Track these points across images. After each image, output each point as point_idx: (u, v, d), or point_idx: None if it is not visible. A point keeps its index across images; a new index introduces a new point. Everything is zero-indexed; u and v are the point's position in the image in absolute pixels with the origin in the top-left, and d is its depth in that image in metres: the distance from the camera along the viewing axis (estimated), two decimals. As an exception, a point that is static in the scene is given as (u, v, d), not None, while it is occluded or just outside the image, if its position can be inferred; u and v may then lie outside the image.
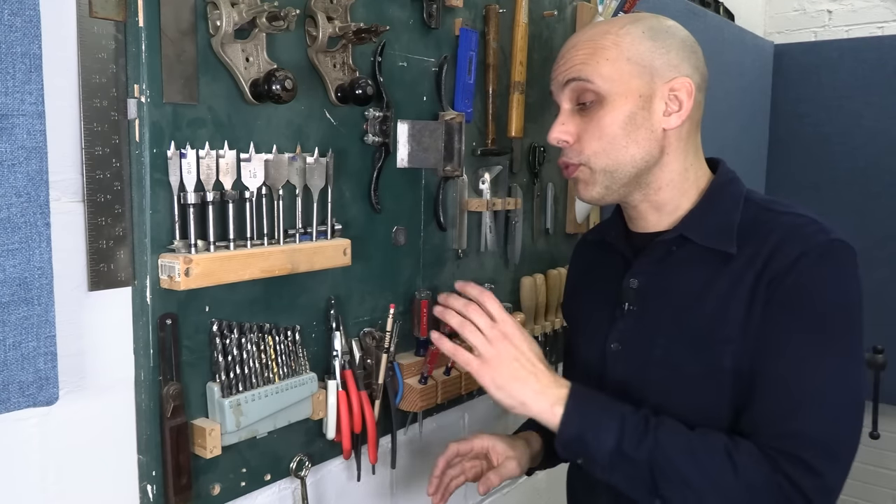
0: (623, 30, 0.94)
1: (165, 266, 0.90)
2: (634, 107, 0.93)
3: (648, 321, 0.98)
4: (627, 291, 1.00)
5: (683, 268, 0.96)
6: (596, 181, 0.96)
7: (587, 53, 0.94)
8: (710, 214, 0.96)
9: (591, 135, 0.94)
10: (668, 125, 0.94)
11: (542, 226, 1.59)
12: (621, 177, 0.95)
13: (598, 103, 0.94)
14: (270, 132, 1.01)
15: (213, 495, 0.99)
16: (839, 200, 2.54)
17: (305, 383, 1.07)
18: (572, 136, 0.96)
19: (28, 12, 0.74)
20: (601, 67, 0.93)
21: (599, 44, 0.94)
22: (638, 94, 0.93)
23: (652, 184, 0.97)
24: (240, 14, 0.91)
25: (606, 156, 0.94)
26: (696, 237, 0.95)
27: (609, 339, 1.01)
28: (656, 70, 0.93)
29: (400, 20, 1.19)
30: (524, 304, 1.52)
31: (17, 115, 0.74)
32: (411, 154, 1.22)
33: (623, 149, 0.93)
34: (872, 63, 2.50)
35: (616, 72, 0.93)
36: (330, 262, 1.07)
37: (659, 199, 0.98)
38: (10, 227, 0.75)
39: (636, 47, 0.93)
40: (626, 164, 0.94)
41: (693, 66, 0.95)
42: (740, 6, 2.67)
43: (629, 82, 0.93)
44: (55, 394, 0.80)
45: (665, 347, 0.95)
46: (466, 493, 1.52)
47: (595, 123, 0.94)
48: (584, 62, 0.94)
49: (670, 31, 0.95)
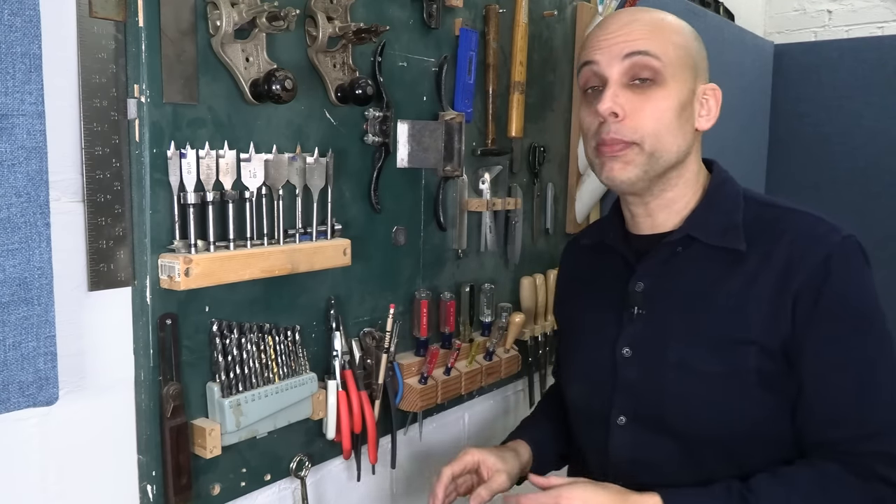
0: (677, 22, 0.94)
1: (165, 266, 0.89)
2: (686, 98, 0.93)
3: (659, 324, 0.96)
4: (634, 295, 0.99)
5: (691, 268, 0.96)
6: (639, 163, 0.93)
7: (651, 30, 0.92)
8: (714, 213, 0.96)
9: (648, 114, 0.91)
10: (700, 126, 0.95)
11: (542, 226, 1.59)
12: (662, 164, 0.93)
13: (656, 83, 0.91)
14: (270, 132, 1.01)
15: (213, 495, 0.99)
16: (839, 200, 2.53)
17: (305, 383, 1.07)
18: (623, 110, 0.92)
19: (28, 12, 0.74)
20: (668, 48, 0.91)
21: (663, 25, 0.93)
22: (688, 87, 0.93)
23: (672, 178, 0.96)
24: (240, 14, 0.91)
25: (659, 139, 0.92)
26: (702, 236, 0.95)
27: (619, 344, 0.99)
28: (698, 71, 0.94)
29: (400, 20, 1.19)
30: (524, 305, 1.52)
31: (17, 115, 0.74)
32: (411, 154, 1.22)
33: (673, 137, 0.92)
34: (872, 63, 2.50)
35: (678, 57, 0.92)
36: (330, 262, 1.07)
37: (674, 196, 0.97)
38: (10, 227, 0.75)
39: (691, 43, 0.94)
40: (671, 153, 0.93)
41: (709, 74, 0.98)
42: (740, 6, 2.67)
43: (685, 72, 0.93)
44: (55, 394, 0.80)
45: (680, 350, 0.94)
46: (466, 493, 1.52)
47: (653, 104, 0.91)
48: (649, 38, 0.91)
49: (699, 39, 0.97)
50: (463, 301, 1.38)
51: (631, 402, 0.98)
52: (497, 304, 1.44)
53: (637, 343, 0.98)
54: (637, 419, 0.97)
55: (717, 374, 0.91)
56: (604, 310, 1.03)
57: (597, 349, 1.03)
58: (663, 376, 0.95)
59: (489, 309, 1.42)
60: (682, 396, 0.93)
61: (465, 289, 1.38)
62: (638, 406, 0.97)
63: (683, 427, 0.93)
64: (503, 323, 1.43)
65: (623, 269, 1.02)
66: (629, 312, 0.99)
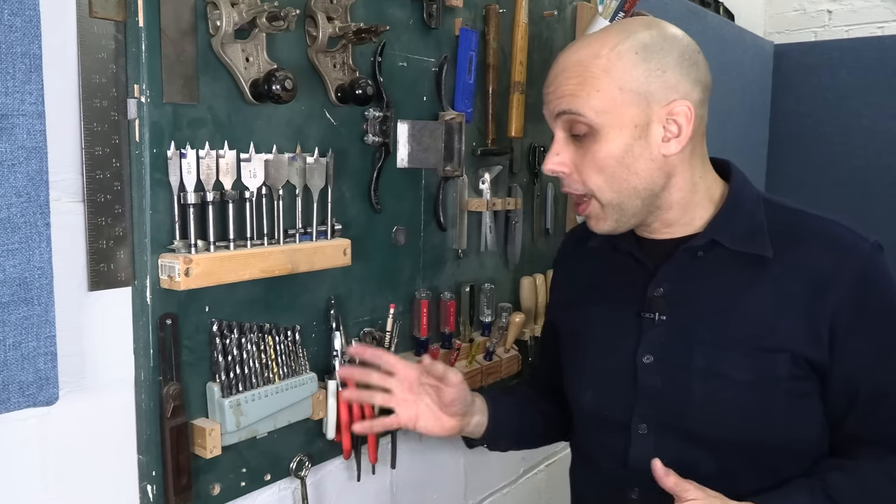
0: (614, 52, 0.88)
1: (165, 266, 0.90)
2: (630, 138, 0.89)
3: (682, 330, 0.94)
4: (654, 300, 0.96)
5: (714, 273, 0.94)
6: (607, 216, 0.94)
7: (576, 83, 0.89)
8: (737, 218, 0.94)
9: (589, 168, 0.91)
10: (667, 151, 0.90)
11: (542, 226, 1.59)
12: (630, 208, 0.93)
13: (592, 136, 0.90)
14: (270, 132, 1.01)
15: (213, 495, 0.99)
16: (839, 200, 2.54)
17: (305, 383, 1.07)
18: (568, 167, 0.93)
19: (28, 12, 0.74)
20: (591, 99, 0.88)
21: (589, 71, 0.89)
22: (633, 124, 0.88)
23: (662, 206, 0.94)
24: (240, 14, 0.91)
25: (610, 189, 0.91)
26: (727, 242, 0.93)
27: (639, 351, 0.96)
28: (652, 95, 0.88)
29: (400, 20, 1.19)
30: (524, 305, 1.52)
31: (17, 115, 0.74)
32: (411, 154, 1.22)
33: (624, 181, 0.90)
34: (872, 63, 2.50)
35: (608, 103, 0.88)
36: (330, 262, 1.07)
37: (670, 218, 0.96)
38: (10, 227, 0.75)
39: (628, 73, 0.88)
40: (631, 196, 0.91)
41: (693, 80, 0.90)
42: (740, 6, 2.67)
43: (623, 113, 0.88)
44: (55, 394, 0.80)
45: (708, 357, 0.92)
46: (466, 493, 1.52)
47: (591, 157, 0.90)
48: (573, 93, 0.89)
49: (667, 46, 0.89)
50: (463, 301, 1.38)
51: (653, 410, 0.95)
52: (497, 304, 1.44)
53: (659, 350, 0.95)
54: (660, 427, 0.95)
55: (746, 381, 0.90)
56: (619, 315, 1.00)
57: (613, 356, 1.00)
58: (689, 383, 0.93)
59: (489, 309, 1.42)
60: (710, 403, 0.91)
61: (465, 289, 1.38)
62: (661, 414, 0.95)
63: (710, 434, 0.92)
64: (503, 323, 1.43)
65: (639, 273, 0.99)
66: (649, 318, 0.97)
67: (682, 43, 0.91)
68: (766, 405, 0.90)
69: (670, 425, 0.95)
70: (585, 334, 1.06)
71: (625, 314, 0.99)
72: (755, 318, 0.90)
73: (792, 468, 0.92)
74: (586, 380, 1.05)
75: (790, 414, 0.91)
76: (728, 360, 0.91)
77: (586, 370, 1.05)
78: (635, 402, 0.96)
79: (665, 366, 0.95)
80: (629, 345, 0.98)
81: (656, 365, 0.95)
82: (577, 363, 1.07)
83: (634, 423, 0.97)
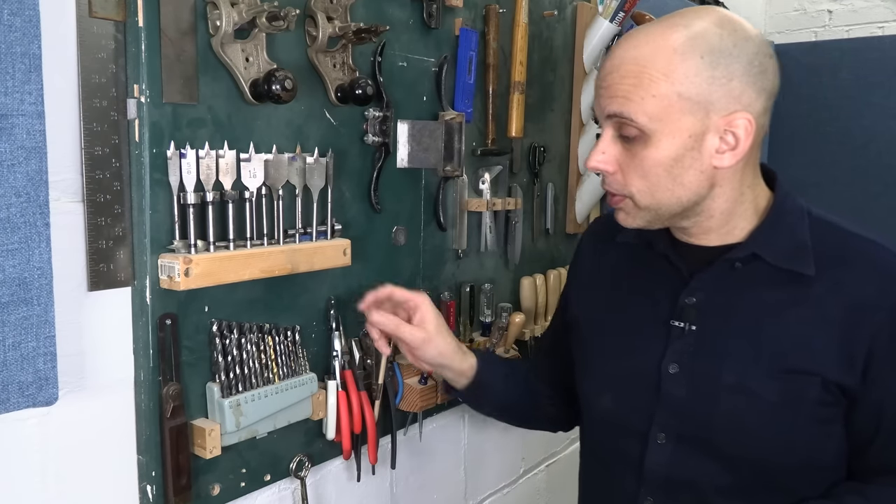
0: (677, 53, 0.81)
1: (165, 266, 0.89)
2: (682, 148, 0.83)
3: (712, 343, 0.91)
4: (686, 308, 0.93)
5: (751, 287, 0.90)
6: (639, 216, 0.90)
7: (632, 84, 0.83)
8: (780, 232, 0.90)
9: (634, 171, 0.87)
10: (720, 164, 0.85)
11: (542, 226, 1.59)
12: (666, 213, 0.89)
13: (642, 140, 0.84)
14: (270, 132, 1.01)
15: (212, 496, 0.99)
16: (839, 200, 2.53)
17: (305, 383, 1.07)
18: (613, 166, 0.88)
19: (28, 12, 0.74)
20: (646, 104, 0.82)
21: (647, 72, 0.82)
22: (688, 133, 0.83)
23: (703, 213, 0.90)
24: (240, 14, 0.91)
25: (651, 195, 0.87)
26: (769, 256, 0.89)
27: (665, 360, 0.93)
28: (713, 104, 0.82)
29: (400, 20, 1.19)
30: (524, 305, 1.52)
31: (16, 115, 0.74)
32: (411, 154, 1.22)
33: (668, 190, 0.86)
34: (873, 63, 2.50)
35: (663, 109, 0.82)
36: (330, 263, 1.07)
37: (710, 225, 0.91)
38: (10, 227, 0.75)
39: (690, 80, 0.81)
40: (671, 204, 0.88)
41: (759, 89, 0.84)
42: (740, 6, 2.67)
43: (678, 121, 0.82)
44: (55, 394, 0.80)
45: (738, 373, 0.89)
46: (466, 493, 1.52)
47: (638, 161, 0.85)
48: (626, 95, 0.83)
49: (736, 51, 0.82)
50: (463, 301, 1.38)
51: (674, 421, 0.93)
52: (497, 304, 1.44)
53: (686, 361, 0.92)
54: (680, 439, 0.93)
55: (774, 401, 0.87)
56: (645, 319, 0.97)
57: (635, 361, 0.96)
58: (715, 398, 0.90)
59: (489, 309, 1.42)
60: (736, 420, 0.89)
61: (465, 289, 1.38)
62: (682, 426, 0.92)
63: (730, 450, 0.90)
64: (503, 323, 1.42)
65: (672, 278, 0.95)
66: (678, 327, 0.93)
67: (753, 47, 0.84)
68: (790, 426, 0.88)
69: (691, 437, 0.92)
70: (606, 334, 1.02)
71: (651, 319, 0.96)
72: (790, 337, 0.87)
73: (808, 489, 0.90)
74: (605, 383, 1.01)
75: (813, 437, 0.89)
76: (758, 378, 0.88)
77: (605, 373, 1.01)
78: (656, 410, 0.93)
79: (692, 377, 0.91)
80: (654, 351, 0.94)
81: (682, 375, 0.92)
82: (594, 364, 1.03)
83: (653, 431, 0.94)
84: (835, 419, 0.89)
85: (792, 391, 0.87)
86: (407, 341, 1.02)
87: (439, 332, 1.03)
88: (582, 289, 1.11)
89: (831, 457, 0.91)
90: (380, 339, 1.03)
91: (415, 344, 1.02)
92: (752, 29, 0.85)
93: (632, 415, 0.96)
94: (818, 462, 0.90)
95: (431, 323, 1.03)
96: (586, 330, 1.06)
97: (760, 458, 0.90)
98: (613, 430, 1.00)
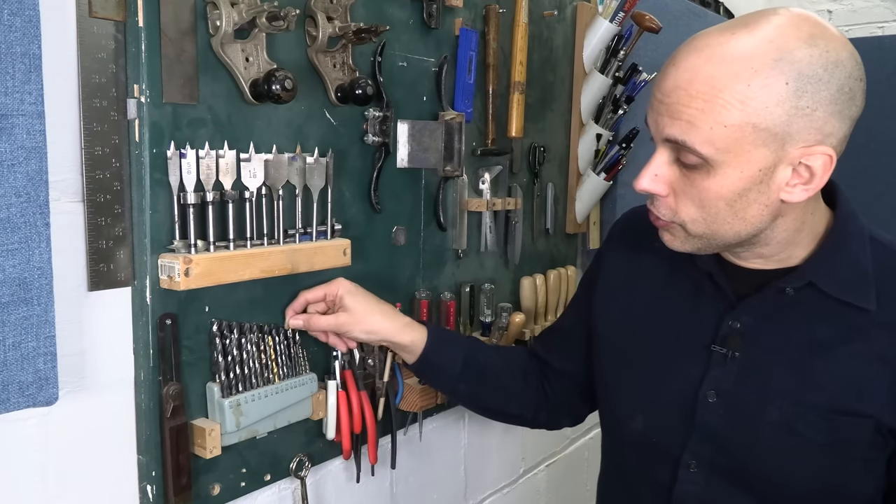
0: (761, 77, 0.71)
1: (165, 266, 0.89)
2: (749, 182, 0.75)
3: (758, 374, 0.85)
4: (730, 336, 0.86)
5: (804, 317, 0.84)
6: (688, 241, 0.83)
7: (700, 109, 0.72)
8: (840, 260, 0.83)
9: (689, 199, 0.78)
10: (789, 198, 0.76)
11: (542, 226, 1.59)
12: (719, 244, 0.82)
13: (704, 170, 0.76)
14: (270, 132, 1.01)
15: (212, 495, 0.99)
16: (839, 200, 2.53)
17: (305, 383, 1.07)
18: (665, 190, 0.80)
19: (28, 12, 0.74)
20: (714, 134, 0.72)
21: (721, 97, 0.71)
22: (759, 167, 0.74)
23: (759, 242, 0.83)
24: (240, 14, 0.91)
25: (706, 225, 0.79)
26: (826, 286, 0.82)
27: (703, 387, 0.87)
28: (791, 136, 0.73)
29: (400, 20, 1.19)
30: (524, 305, 1.52)
31: (16, 115, 0.74)
32: (411, 154, 1.22)
33: (726, 224, 0.78)
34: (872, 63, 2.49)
35: (735, 142, 0.73)
36: (330, 262, 1.07)
37: (765, 252, 0.85)
38: (10, 227, 0.75)
39: (770, 110, 0.71)
40: (728, 237, 0.80)
41: (844, 118, 0.75)
42: (740, 6, 2.67)
43: (749, 153, 0.73)
44: (55, 394, 0.80)
45: (785, 410, 0.83)
46: (466, 493, 1.52)
47: (696, 190, 0.77)
48: (692, 121, 0.73)
49: (826, 76, 0.72)
50: (463, 301, 1.38)
51: (709, 450, 0.88)
52: (497, 305, 1.44)
53: (726, 390, 0.86)
54: (713, 468, 0.88)
55: (822, 443, 0.82)
56: (685, 339, 0.90)
57: (671, 384, 0.91)
58: (757, 434, 0.85)
59: (489, 309, 1.42)
60: (777, 458, 0.84)
61: (465, 289, 1.38)
62: (717, 455, 0.88)
63: (767, 487, 0.86)
64: (503, 323, 1.42)
65: (716, 298, 0.89)
66: (720, 353, 0.87)
67: (845, 70, 0.74)
68: (835, 469, 0.83)
69: (725, 468, 0.88)
70: (639, 351, 0.96)
71: (691, 339, 0.90)
72: (844, 375, 0.81)
73: None
74: (637, 405, 0.95)
75: (856, 476, 0.84)
76: (806, 417, 0.82)
77: (637, 393, 0.96)
78: (689, 437, 0.89)
79: (731, 409, 0.86)
80: (692, 376, 0.89)
81: (720, 405, 0.87)
82: (624, 382, 0.98)
83: (685, 458, 0.90)
84: (880, 459, 0.84)
85: (841, 434, 0.82)
86: (325, 330, 1.04)
87: (368, 311, 1.04)
88: (609, 290, 1.03)
89: (871, 490, 0.86)
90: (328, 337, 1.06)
91: (336, 329, 1.03)
92: (844, 46, 0.75)
93: (664, 439, 0.92)
94: (856, 497, 0.86)
95: (350, 305, 1.03)
96: (615, 340, 1.00)
97: (795, 496, 0.86)
98: (643, 452, 0.96)
